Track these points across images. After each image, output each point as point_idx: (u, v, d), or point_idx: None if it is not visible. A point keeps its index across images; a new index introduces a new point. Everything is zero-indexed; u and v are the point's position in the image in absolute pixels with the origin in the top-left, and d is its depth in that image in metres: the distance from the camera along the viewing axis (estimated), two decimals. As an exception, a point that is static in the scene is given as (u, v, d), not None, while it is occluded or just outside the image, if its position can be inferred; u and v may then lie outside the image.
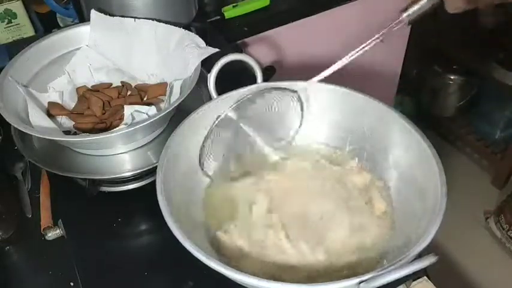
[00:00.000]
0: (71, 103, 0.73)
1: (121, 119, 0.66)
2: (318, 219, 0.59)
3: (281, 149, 0.67)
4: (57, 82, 0.74)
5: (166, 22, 0.74)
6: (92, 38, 0.76)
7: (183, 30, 0.71)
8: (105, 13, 0.74)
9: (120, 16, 0.75)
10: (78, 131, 0.68)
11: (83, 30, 0.76)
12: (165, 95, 0.70)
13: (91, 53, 0.76)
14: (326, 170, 0.65)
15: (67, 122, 0.70)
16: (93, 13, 0.74)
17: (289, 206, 0.61)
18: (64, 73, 0.75)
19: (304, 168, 0.65)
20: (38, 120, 0.65)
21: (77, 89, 0.74)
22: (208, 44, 0.69)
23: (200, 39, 0.70)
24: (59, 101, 0.72)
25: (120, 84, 0.75)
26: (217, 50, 0.67)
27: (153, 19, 0.74)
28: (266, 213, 0.60)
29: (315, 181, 0.64)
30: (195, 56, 0.67)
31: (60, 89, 0.73)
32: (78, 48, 0.76)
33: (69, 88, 0.74)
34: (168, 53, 0.73)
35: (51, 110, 0.70)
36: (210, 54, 0.67)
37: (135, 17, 0.74)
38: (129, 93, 0.74)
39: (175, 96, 0.68)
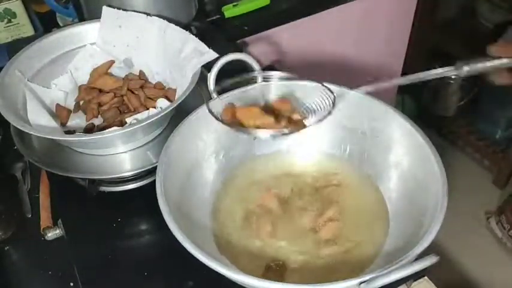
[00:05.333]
0: (72, 102, 0.73)
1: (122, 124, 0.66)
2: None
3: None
4: (60, 80, 0.74)
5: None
6: (100, 34, 0.75)
7: (189, 34, 0.71)
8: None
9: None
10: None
11: (86, 28, 0.76)
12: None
13: (96, 51, 0.76)
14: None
15: (73, 123, 0.70)
16: (105, 9, 0.74)
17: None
18: (67, 71, 0.74)
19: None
20: (38, 118, 0.65)
21: (80, 88, 0.74)
22: (208, 43, 0.69)
23: (203, 45, 0.69)
24: (64, 101, 0.72)
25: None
26: (217, 55, 0.67)
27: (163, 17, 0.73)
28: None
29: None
30: (194, 64, 0.67)
31: (63, 87, 0.73)
32: (81, 47, 0.75)
33: (71, 86, 0.74)
34: (172, 55, 0.72)
35: (59, 114, 0.70)
36: (208, 61, 0.66)
37: (147, 14, 0.74)
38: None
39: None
